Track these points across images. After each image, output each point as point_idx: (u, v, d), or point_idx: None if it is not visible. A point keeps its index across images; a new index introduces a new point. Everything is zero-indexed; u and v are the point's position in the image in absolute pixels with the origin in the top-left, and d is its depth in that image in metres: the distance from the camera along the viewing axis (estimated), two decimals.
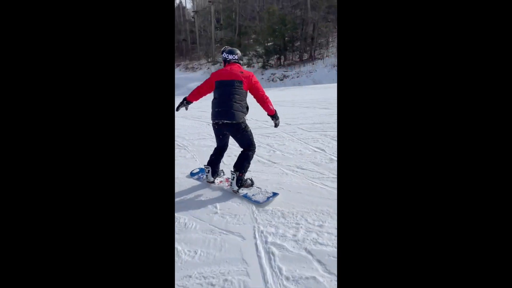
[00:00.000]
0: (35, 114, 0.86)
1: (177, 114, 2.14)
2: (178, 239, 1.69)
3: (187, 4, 39.60)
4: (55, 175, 0.86)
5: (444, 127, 0.83)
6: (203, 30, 30.23)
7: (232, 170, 2.17)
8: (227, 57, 2.22)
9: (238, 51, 2.28)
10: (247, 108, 2.16)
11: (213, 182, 2.40)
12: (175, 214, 1.93)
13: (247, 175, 2.31)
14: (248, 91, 2.16)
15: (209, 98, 2.29)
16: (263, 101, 2.19)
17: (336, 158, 2.89)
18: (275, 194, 2.12)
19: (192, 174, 2.68)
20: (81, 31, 0.89)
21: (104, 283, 0.84)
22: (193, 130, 5.00)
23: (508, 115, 0.79)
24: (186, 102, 2.31)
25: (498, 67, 0.81)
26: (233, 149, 3.07)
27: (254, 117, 5.24)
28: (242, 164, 2.17)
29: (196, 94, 2.28)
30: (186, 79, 22.71)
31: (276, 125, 2.33)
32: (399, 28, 0.86)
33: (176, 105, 2.06)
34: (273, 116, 2.29)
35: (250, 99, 2.20)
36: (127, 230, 0.88)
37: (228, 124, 2.08)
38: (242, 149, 2.23)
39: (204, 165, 2.36)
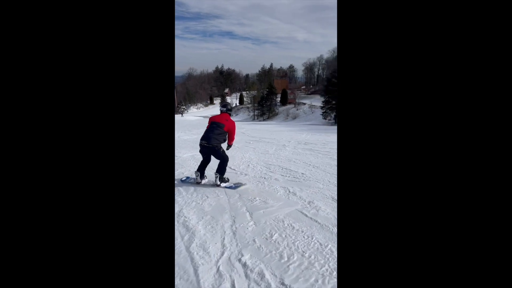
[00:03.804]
0: (44, 119, 0.90)
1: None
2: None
3: None
4: (59, 176, 0.91)
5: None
6: None
7: (215, 173, 3.51)
8: (222, 109, 3.74)
9: (229, 106, 3.82)
10: (224, 140, 3.56)
11: (200, 182, 3.63)
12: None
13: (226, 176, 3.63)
14: (227, 131, 3.56)
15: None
16: (229, 140, 3.68)
17: None
18: (240, 184, 3.52)
19: (182, 180, 3.85)
20: (85, 35, 0.93)
21: (104, 282, 0.90)
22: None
23: (508, 115, 0.80)
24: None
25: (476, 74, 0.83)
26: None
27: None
28: (220, 169, 3.49)
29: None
30: None
31: (226, 149, 3.73)
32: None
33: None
34: (229, 146, 3.77)
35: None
36: (128, 230, 0.94)
37: (206, 145, 3.43)
38: (219, 161, 3.53)
39: (195, 172, 3.67)
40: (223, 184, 3.49)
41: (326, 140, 8.48)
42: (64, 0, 0.90)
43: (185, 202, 2.91)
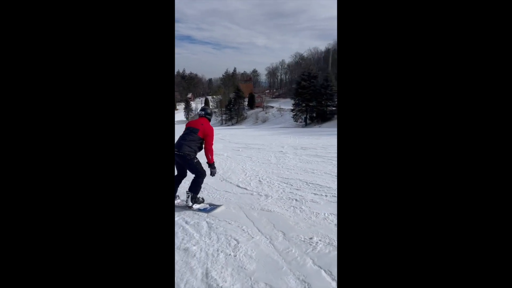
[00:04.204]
0: (43, 121, 0.88)
1: None
2: None
3: None
4: (62, 178, 0.88)
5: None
6: None
7: (187, 191, 2.85)
8: (199, 113, 3.04)
9: (208, 110, 3.06)
10: (199, 148, 2.82)
11: None
12: None
13: (200, 195, 2.97)
14: (203, 139, 2.84)
15: None
16: (206, 151, 2.82)
17: None
18: (216, 206, 2.86)
19: None
20: (86, 33, 0.91)
21: (105, 283, 0.86)
22: None
23: (508, 115, 0.80)
24: None
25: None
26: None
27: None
28: (194, 186, 2.82)
29: None
30: None
31: (211, 173, 2.95)
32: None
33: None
34: (210, 165, 2.89)
35: None
36: (129, 231, 0.90)
37: (177, 154, 2.72)
38: (193, 176, 2.85)
39: None
40: (195, 206, 2.81)
41: (321, 143, 7.85)
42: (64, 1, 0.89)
43: (207, 253, 1.85)
